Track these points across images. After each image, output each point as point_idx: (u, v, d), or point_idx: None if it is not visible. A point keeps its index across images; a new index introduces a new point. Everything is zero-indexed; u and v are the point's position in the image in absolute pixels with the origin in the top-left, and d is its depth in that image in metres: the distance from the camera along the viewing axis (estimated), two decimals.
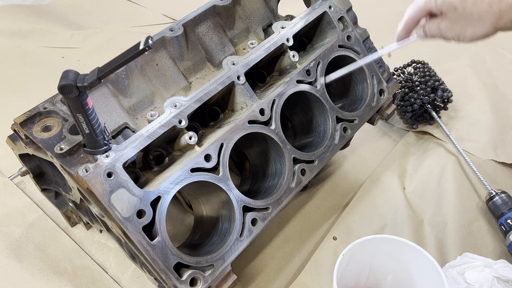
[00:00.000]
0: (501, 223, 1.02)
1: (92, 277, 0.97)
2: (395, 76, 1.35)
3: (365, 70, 0.99)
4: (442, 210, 1.09)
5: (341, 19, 0.99)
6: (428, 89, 1.28)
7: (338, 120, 0.95)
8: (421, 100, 1.26)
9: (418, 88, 1.28)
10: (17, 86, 1.53)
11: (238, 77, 0.82)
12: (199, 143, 0.78)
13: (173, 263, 0.69)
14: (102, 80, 0.55)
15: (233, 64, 0.83)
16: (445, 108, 1.32)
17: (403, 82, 1.33)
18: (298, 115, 1.02)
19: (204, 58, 0.93)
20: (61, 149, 0.69)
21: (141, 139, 0.70)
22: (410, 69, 1.36)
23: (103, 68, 0.55)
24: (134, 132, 0.82)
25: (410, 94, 1.29)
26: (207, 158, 0.76)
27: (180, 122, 0.74)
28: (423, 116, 1.31)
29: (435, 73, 1.34)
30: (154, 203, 0.70)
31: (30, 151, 0.78)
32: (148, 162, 0.78)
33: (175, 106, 0.75)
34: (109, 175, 0.66)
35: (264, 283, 0.97)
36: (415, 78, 1.32)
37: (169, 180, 0.72)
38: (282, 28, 0.91)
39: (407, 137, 1.30)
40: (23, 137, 0.76)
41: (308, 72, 0.91)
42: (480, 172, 1.13)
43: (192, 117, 0.80)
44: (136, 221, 0.67)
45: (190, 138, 0.75)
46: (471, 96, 1.41)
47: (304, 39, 1.02)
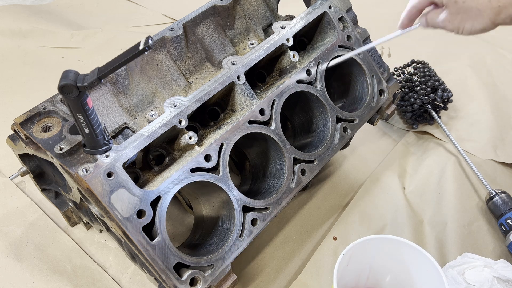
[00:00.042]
0: (501, 223, 1.02)
1: (92, 277, 0.97)
2: (395, 76, 1.35)
3: (365, 70, 0.99)
4: (442, 210, 1.09)
5: (341, 19, 0.99)
6: (428, 89, 1.28)
7: (338, 120, 0.95)
8: (421, 100, 1.26)
9: (418, 88, 1.28)
10: (17, 86, 1.53)
11: (238, 77, 0.82)
12: (199, 143, 0.78)
13: (173, 263, 0.69)
14: (102, 80, 0.55)
15: (233, 64, 0.83)
16: (445, 108, 1.32)
17: (403, 82, 1.33)
18: (298, 115, 1.02)
19: (204, 58, 0.93)
20: (61, 149, 0.69)
21: (141, 139, 0.71)
22: (410, 69, 1.36)
23: (103, 68, 0.55)
24: (134, 132, 0.82)
25: (410, 94, 1.29)
26: (207, 158, 0.76)
27: (180, 122, 0.74)
28: (423, 116, 1.31)
29: (435, 73, 1.34)
30: (154, 203, 0.70)
31: (30, 151, 0.78)
32: (148, 162, 0.78)
33: (175, 106, 0.75)
34: (109, 175, 0.66)
35: (264, 283, 0.97)
36: (415, 78, 1.32)
37: (169, 180, 0.72)
38: (282, 28, 0.91)
39: (407, 137, 1.30)
40: (23, 137, 0.76)
41: (308, 72, 0.91)
42: (480, 172, 1.13)
43: (192, 117, 0.80)
44: (136, 221, 0.67)
45: (190, 138, 0.75)
46: (471, 96, 1.41)
47: (304, 39, 1.02)
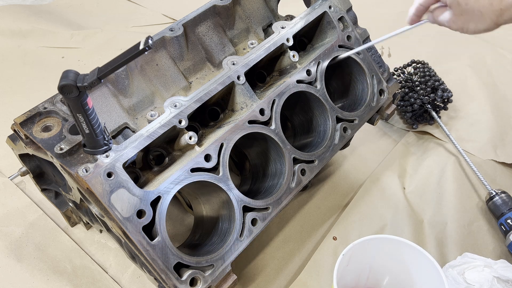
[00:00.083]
0: (501, 223, 1.02)
1: (92, 277, 0.97)
2: (395, 76, 1.35)
3: (365, 70, 0.99)
4: (442, 210, 1.09)
5: (341, 19, 0.99)
6: (428, 89, 1.28)
7: (338, 120, 0.95)
8: (421, 100, 1.26)
9: (418, 88, 1.28)
10: (17, 86, 1.53)
11: (238, 77, 0.82)
12: (199, 143, 0.78)
13: (173, 263, 0.69)
14: (102, 80, 0.55)
15: (233, 64, 0.83)
16: (445, 108, 1.32)
17: (403, 82, 1.33)
18: (298, 115, 1.02)
19: (204, 58, 0.93)
20: (61, 149, 0.69)
21: (141, 139, 0.70)
22: (410, 69, 1.36)
23: (103, 68, 0.55)
24: (134, 132, 0.82)
25: (410, 94, 1.29)
26: (207, 158, 0.76)
27: (180, 122, 0.74)
28: (423, 116, 1.31)
29: (435, 73, 1.34)
30: (154, 203, 0.70)
31: (30, 151, 0.78)
32: (148, 162, 0.78)
33: (175, 106, 0.75)
34: (109, 175, 0.66)
35: (264, 283, 0.97)
36: (415, 78, 1.32)
37: (169, 180, 0.72)
38: (282, 28, 0.91)
39: (407, 137, 1.30)
40: (23, 137, 0.76)
41: (308, 72, 0.91)
42: (480, 172, 1.13)
43: (192, 117, 0.80)
44: (136, 221, 0.67)
45: (190, 138, 0.75)
46: (471, 96, 1.41)
47: (304, 39, 1.02)
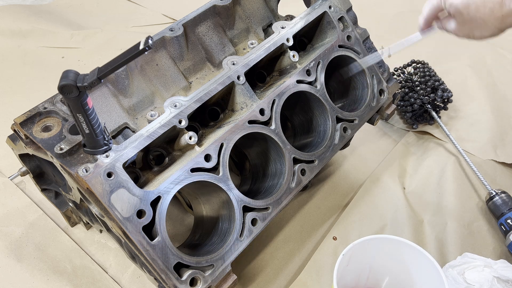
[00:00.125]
0: (501, 223, 1.02)
1: (92, 277, 0.97)
2: (395, 76, 1.35)
3: (365, 70, 0.99)
4: (442, 210, 1.09)
5: (341, 19, 0.99)
6: (428, 89, 1.28)
7: (338, 120, 0.95)
8: (421, 100, 1.26)
9: (418, 88, 1.28)
10: (17, 86, 1.53)
11: (238, 77, 0.82)
12: (199, 143, 0.78)
13: (173, 263, 0.69)
14: (102, 80, 0.55)
15: (233, 64, 0.83)
16: (445, 108, 1.32)
17: (403, 82, 1.33)
18: (298, 115, 1.02)
19: (204, 58, 0.93)
20: (61, 149, 0.69)
21: (141, 139, 0.70)
22: (410, 69, 1.36)
23: (103, 68, 0.55)
24: (134, 132, 0.82)
25: (410, 94, 1.29)
26: (207, 158, 0.76)
27: (180, 122, 0.74)
28: (423, 116, 1.31)
29: (435, 73, 1.34)
30: (154, 203, 0.70)
31: (30, 151, 0.78)
32: (148, 162, 0.78)
33: (175, 106, 0.75)
34: (109, 175, 0.66)
35: (264, 283, 0.97)
36: (415, 78, 1.32)
37: (169, 180, 0.72)
38: (282, 28, 0.91)
39: (407, 137, 1.30)
40: (23, 137, 0.76)
41: (308, 72, 0.91)
42: (480, 172, 1.13)
43: (192, 117, 0.80)
44: (136, 221, 0.67)
45: (190, 138, 0.75)
46: (471, 96, 1.41)
47: (304, 39, 1.02)
